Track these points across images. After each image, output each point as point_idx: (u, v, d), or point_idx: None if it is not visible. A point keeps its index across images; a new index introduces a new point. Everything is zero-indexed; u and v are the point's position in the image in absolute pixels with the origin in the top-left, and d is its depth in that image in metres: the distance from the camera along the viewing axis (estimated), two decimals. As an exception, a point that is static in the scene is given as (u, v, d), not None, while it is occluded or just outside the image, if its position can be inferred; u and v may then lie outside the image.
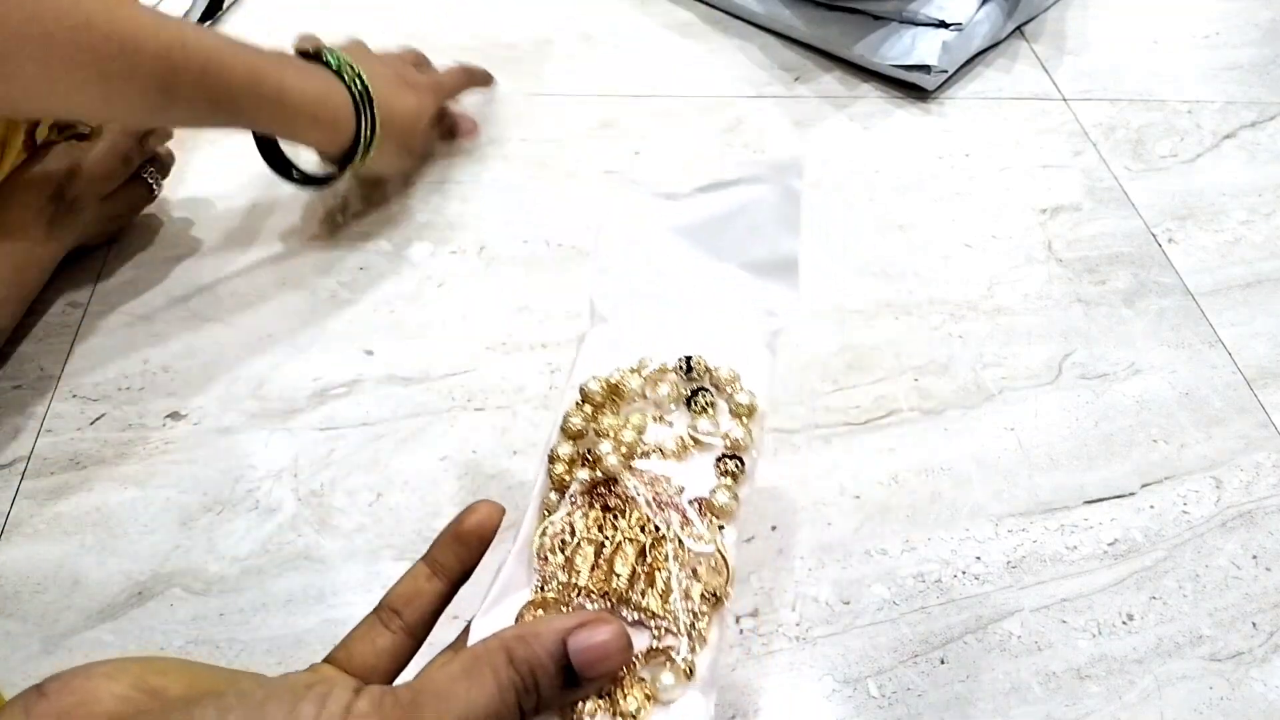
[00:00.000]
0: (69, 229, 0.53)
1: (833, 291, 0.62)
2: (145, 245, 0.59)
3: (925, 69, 0.73)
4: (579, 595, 0.28)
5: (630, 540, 0.29)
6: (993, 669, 0.46)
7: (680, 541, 0.29)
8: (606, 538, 0.29)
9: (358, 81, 0.53)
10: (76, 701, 0.22)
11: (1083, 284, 0.64)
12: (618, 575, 0.28)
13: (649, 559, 0.29)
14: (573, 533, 0.30)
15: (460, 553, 0.31)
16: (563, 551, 0.29)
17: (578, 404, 0.32)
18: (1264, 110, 0.79)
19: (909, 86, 0.76)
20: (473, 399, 0.54)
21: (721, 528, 0.30)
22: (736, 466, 0.31)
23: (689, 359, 0.34)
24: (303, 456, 0.50)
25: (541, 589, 0.29)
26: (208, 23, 0.72)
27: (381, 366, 0.55)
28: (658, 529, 0.29)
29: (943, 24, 0.74)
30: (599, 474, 0.30)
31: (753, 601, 0.47)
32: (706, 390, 0.33)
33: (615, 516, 0.30)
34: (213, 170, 0.64)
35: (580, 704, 0.26)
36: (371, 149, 0.55)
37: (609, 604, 0.28)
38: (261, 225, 0.61)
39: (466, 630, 0.29)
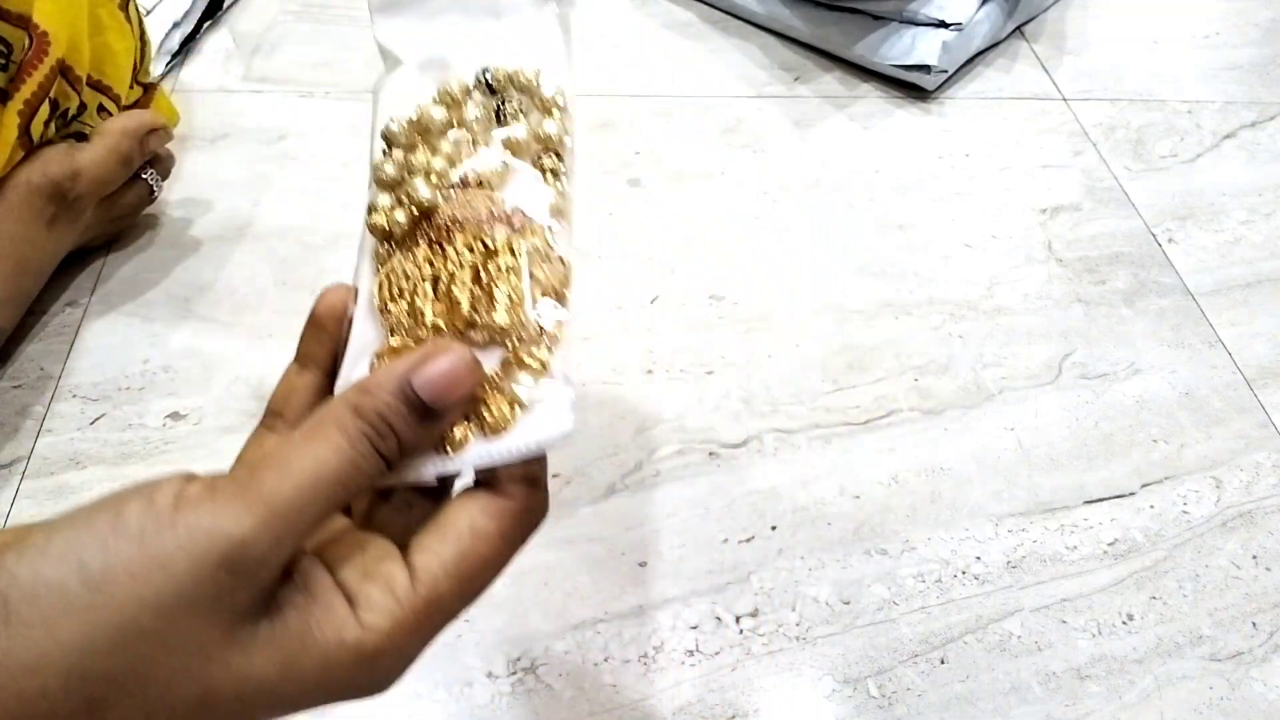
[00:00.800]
0: (69, 230, 0.53)
1: (833, 291, 0.62)
2: (145, 245, 0.59)
3: (925, 69, 0.74)
4: (428, 334, 0.28)
5: (462, 265, 0.28)
6: (993, 669, 0.46)
7: (511, 249, 0.28)
8: (440, 270, 0.28)
9: None
10: None
11: (1083, 284, 0.64)
12: (458, 302, 0.27)
13: (486, 277, 0.28)
14: (407, 276, 0.29)
15: (321, 337, 0.30)
16: (403, 297, 0.28)
17: (385, 152, 0.31)
18: (1264, 110, 0.79)
19: (909, 86, 0.76)
20: (473, 399, 0.54)
21: (551, 228, 0.29)
22: (553, 161, 0.31)
23: (486, 72, 0.32)
24: (303, 456, 0.50)
25: (390, 339, 0.28)
26: (208, 22, 0.72)
27: (381, 366, 0.55)
28: (486, 246, 0.28)
29: (943, 24, 0.74)
30: (416, 211, 0.29)
31: (753, 601, 0.47)
32: (511, 98, 0.32)
33: (442, 247, 0.29)
34: (213, 170, 0.64)
35: (449, 432, 0.26)
36: None
37: (458, 332, 0.27)
38: (261, 226, 0.61)
39: None
